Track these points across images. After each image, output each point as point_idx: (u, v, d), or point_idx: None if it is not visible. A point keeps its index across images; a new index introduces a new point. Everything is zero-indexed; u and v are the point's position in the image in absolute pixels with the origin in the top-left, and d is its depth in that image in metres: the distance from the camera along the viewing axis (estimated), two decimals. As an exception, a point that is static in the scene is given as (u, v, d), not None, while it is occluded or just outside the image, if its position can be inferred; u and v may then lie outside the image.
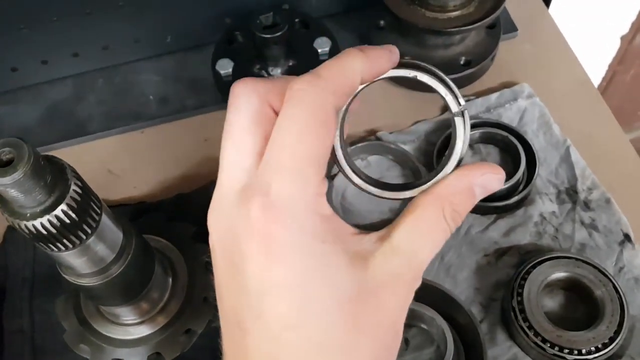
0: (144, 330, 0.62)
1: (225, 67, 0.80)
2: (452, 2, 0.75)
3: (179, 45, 0.87)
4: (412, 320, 0.66)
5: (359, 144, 0.78)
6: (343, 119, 0.40)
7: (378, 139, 0.79)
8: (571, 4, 1.06)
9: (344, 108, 0.40)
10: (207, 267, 0.66)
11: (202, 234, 0.68)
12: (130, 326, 0.62)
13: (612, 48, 1.41)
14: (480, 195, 0.37)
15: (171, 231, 0.67)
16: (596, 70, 1.49)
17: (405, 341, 0.67)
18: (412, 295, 0.36)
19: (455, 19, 0.76)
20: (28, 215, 0.43)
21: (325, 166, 0.36)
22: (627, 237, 0.70)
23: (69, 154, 0.83)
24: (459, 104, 0.38)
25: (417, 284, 0.35)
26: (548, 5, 0.93)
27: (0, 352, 0.68)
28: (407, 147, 0.78)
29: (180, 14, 0.83)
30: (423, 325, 0.67)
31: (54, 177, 0.43)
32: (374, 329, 0.34)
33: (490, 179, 0.38)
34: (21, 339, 0.68)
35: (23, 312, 0.69)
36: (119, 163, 0.82)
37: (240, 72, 0.81)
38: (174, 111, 0.84)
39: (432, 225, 0.36)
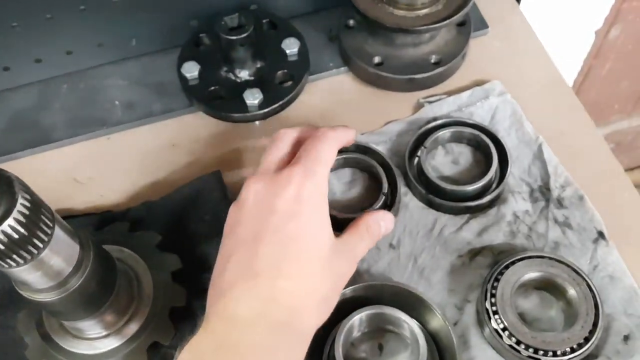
0: (109, 344, 0.60)
1: (191, 70, 0.79)
2: (421, 0, 0.74)
3: (144, 49, 0.85)
4: (385, 325, 0.65)
5: None
6: None
7: (349, 140, 0.78)
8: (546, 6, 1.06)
9: None
10: (175, 276, 0.64)
11: (168, 243, 0.67)
12: (95, 340, 0.60)
13: (586, 42, 1.41)
14: (383, 228, 0.64)
15: (136, 241, 0.65)
16: (571, 65, 1.48)
17: (379, 346, 0.66)
18: (355, 266, 0.60)
19: (424, 17, 0.75)
20: (-29, 229, 0.41)
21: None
22: (600, 235, 0.70)
23: (33, 163, 0.81)
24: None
25: (357, 261, 0.60)
26: (519, 1, 0.92)
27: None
28: (380, 148, 0.77)
29: (144, 16, 0.82)
30: (397, 330, 0.65)
31: (0, 190, 0.41)
32: (342, 265, 0.58)
33: (387, 220, 0.65)
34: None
35: (-16, 327, 0.67)
36: (84, 171, 0.80)
37: (207, 75, 0.79)
38: (141, 116, 0.82)
39: (361, 236, 0.61)
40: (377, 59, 0.81)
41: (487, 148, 0.74)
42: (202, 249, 0.69)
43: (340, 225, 0.71)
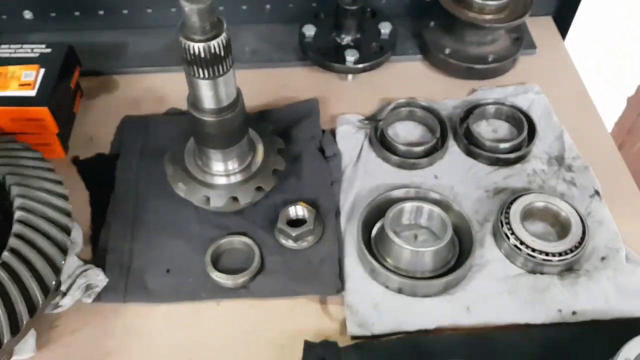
0: (228, 181, 0.84)
1: (309, 30, 1.06)
2: (488, 7, 1.00)
3: (274, 18, 1.14)
4: (423, 220, 0.87)
5: (394, 111, 1.00)
6: None
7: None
8: (586, 49, 1.28)
9: None
10: (279, 152, 0.88)
11: (277, 131, 0.91)
12: (219, 176, 0.84)
13: (618, 107, 1.62)
14: None
15: (256, 125, 0.90)
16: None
17: (415, 236, 0.88)
18: None
19: (489, 21, 1.01)
20: (196, 39, 0.66)
21: None
22: (597, 193, 0.91)
23: (177, 78, 1.06)
24: None
25: None
26: (564, 37, 1.17)
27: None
28: (438, 114, 1.01)
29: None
30: (431, 227, 0.87)
31: (218, 21, 0.67)
32: None
33: None
34: (127, 186, 0.90)
35: (132, 167, 0.92)
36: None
37: (320, 37, 1.06)
38: (263, 61, 1.09)
39: None
40: (447, 50, 1.06)
41: (520, 122, 0.98)
42: (296, 147, 0.94)
43: (399, 154, 0.95)
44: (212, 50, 0.67)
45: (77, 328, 0.79)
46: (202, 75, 0.70)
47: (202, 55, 0.67)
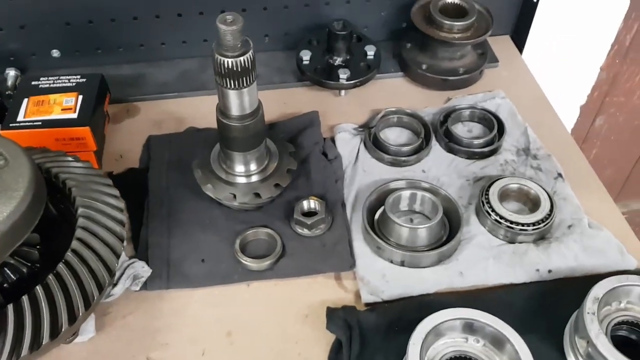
0: (250, 180, 0.98)
1: (305, 54, 1.22)
2: (456, 27, 1.18)
3: (272, 46, 1.30)
4: (417, 205, 1.02)
5: (384, 118, 1.16)
6: None
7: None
8: (541, 63, 1.47)
9: None
10: (291, 154, 1.03)
11: (287, 139, 1.06)
12: (242, 176, 0.98)
13: (572, 115, 1.81)
14: None
15: (270, 135, 1.05)
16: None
17: (411, 220, 1.03)
18: None
19: (457, 39, 1.19)
20: (229, 55, 0.82)
21: None
22: (560, 175, 1.07)
23: (191, 102, 1.23)
24: None
25: None
26: (521, 51, 1.36)
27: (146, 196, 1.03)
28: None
29: (275, 24, 1.27)
30: (424, 212, 1.02)
31: (245, 40, 0.83)
32: None
33: None
34: (160, 193, 1.04)
35: (162, 176, 1.06)
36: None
37: (315, 60, 1.22)
38: (265, 83, 1.24)
39: None
40: (424, 66, 1.24)
41: (491, 122, 1.15)
42: (303, 151, 1.09)
43: (391, 154, 1.10)
44: (242, 65, 0.83)
45: (127, 312, 0.91)
46: (232, 86, 0.85)
47: (234, 68, 0.82)
